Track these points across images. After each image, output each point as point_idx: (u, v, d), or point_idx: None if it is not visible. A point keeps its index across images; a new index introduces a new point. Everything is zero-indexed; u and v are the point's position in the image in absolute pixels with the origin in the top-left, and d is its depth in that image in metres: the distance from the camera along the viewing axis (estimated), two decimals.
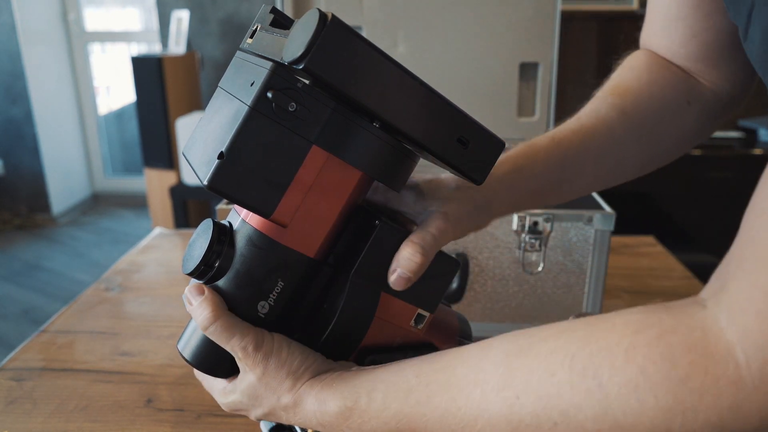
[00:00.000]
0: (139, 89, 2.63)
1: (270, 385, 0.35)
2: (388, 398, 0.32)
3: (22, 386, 0.58)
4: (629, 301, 0.75)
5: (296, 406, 0.34)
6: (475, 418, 0.29)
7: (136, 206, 3.49)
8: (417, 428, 0.31)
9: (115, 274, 0.83)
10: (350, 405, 0.33)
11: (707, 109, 0.47)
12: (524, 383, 0.27)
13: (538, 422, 0.27)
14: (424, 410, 0.31)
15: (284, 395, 0.35)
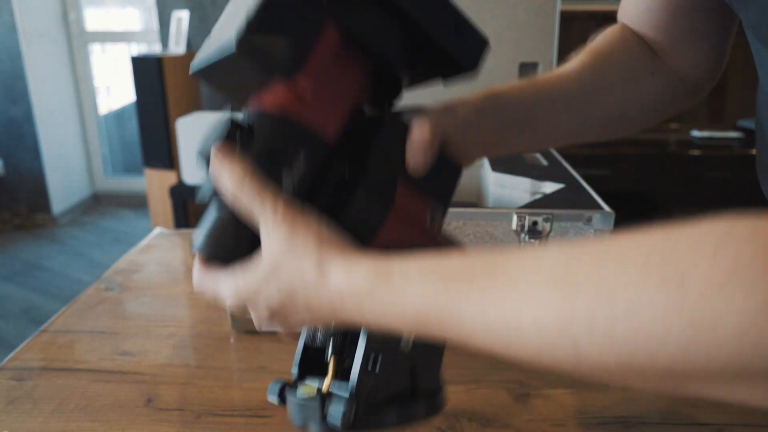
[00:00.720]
0: (139, 89, 2.63)
1: (295, 249, 0.32)
2: (425, 280, 0.28)
3: (22, 386, 0.58)
4: None
5: (321, 277, 0.31)
6: (519, 314, 0.25)
7: (136, 206, 3.49)
8: (447, 322, 0.28)
9: (115, 273, 0.83)
10: (381, 275, 0.30)
11: (670, 87, 0.50)
12: (585, 275, 0.23)
13: (592, 317, 0.22)
14: (462, 302, 0.27)
15: (308, 262, 0.31)
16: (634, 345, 0.22)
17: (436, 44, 0.36)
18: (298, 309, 0.33)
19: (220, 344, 0.65)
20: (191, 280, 0.78)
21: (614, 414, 0.53)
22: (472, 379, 0.59)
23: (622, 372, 0.23)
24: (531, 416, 0.53)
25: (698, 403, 0.55)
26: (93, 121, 3.51)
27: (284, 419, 0.53)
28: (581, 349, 0.23)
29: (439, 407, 0.39)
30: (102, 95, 3.62)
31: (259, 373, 0.60)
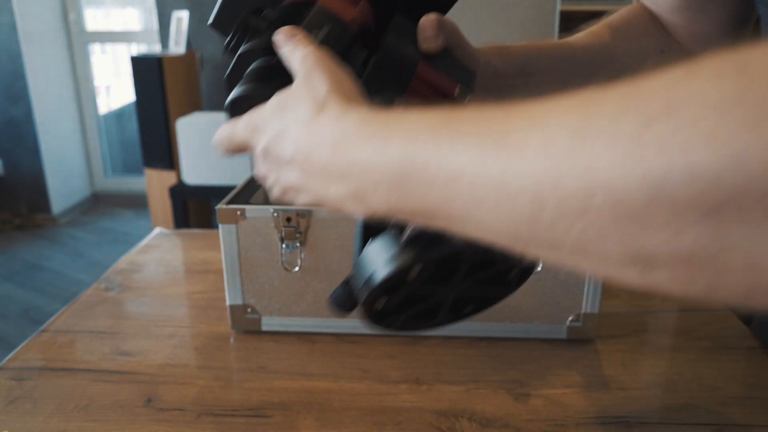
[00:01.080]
0: (139, 89, 2.63)
1: (308, 85, 0.31)
2: (417, 124, 0.25)
3: (22, 386, 0.58)
4: (628, 300, 0.75)
5: (315, 116, 0.29)
6: (502, 175, 0.21)
7: (136, 206, 3.49)
8: (419, 177, 0.24)
9: (115, 273, 0.83)
10: (372, 118, 0.28)
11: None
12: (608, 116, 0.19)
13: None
14: (443, 154, 0.23)
15: (311, 100, 0.30)
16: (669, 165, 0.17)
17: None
18: (287, 149, 0.31)
19: (220, 344, 0.65)
20: (191, 280, 0.78)
21: (614, 414, 0.53)
22: (471, 379, 0.59)
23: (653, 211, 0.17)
24: (531, 416, 0.53)
25: (697, 404, 0.55)
26: (93, 121, 3.51)
27: (284, 419, 0.53)
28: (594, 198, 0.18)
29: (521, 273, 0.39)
30: (102, 95, 3.62)
31: (259, 373, 0.60)
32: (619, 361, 0.62)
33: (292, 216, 0.61)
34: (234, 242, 0.63)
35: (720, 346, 0.64)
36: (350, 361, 0.62)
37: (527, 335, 0.65)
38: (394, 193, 0.26)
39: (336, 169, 0.28)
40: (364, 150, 0.27)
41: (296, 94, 0.32)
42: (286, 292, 0.65)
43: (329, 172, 0.29)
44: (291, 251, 0.63)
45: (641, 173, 0.17)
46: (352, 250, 0.63)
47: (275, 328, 0.66)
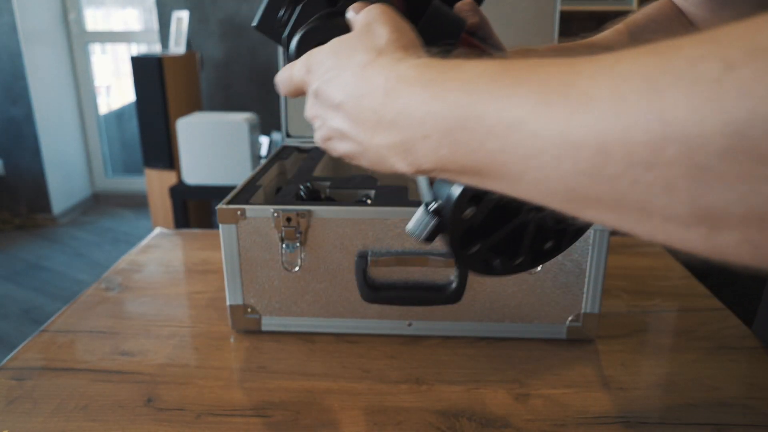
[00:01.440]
0: (139, 89, 2.63)
1: (369, 30, 0.30)
2: (464, 76, 0.24)
3: (22, 385, 0.58)
4: (628, 300, 0.75)
5: (375, 60, 0.28)
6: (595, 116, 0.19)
7: (137, 206, 3.49)
8: (475, 127, 0.23)
9: (115, 273, 0.83)
10: (432, 65, 0.26)
11: None
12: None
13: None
14: (502, 103, 0.22)
15: (370, 44, 0.29)
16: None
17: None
18: (337, 93, 0.30)
19: (220, 344, 0.65)
20: (191, 279, 0.78)
21: (614, 414, 0.53)
22: (472, 379, 0.59)
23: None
24: (531, 416, 0.53)
25: (697, 404, 0.55)
26: (93, 121, 3.51)
27: (284, 419, 0.53)
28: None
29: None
30: (102, 95, 3.62)
31: (259, 373, 0.60)
32: (619, 361, 0.62)
33: (292, 216, 0.61)
34: (234, 242, 0.63)
35: (720, 346, 0.64)
36: (350, 361, 0.62)
37: (527, 335, 0.65)
38: (445, 145, 0.24)
39: (386, 116, 0.27)
40: (417, 97, 0.26)
41: (355, 38, 0.31)
42: (287, 292, 0.65)
43: (378, 119, 0.27)
44: (291, 251, 0.63)
45: (721, 120, 0.16)
46: (353, 248, 0.63)
47: (275, 328, 0.66)
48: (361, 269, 0.62)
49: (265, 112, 3.04)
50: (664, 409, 0.54)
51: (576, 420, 0.53)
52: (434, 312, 0.65)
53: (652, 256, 0.88)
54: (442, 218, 0.34)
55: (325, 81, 0.31)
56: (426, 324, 0.65)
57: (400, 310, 0.65)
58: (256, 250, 0.63)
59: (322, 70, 0.31)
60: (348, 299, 0.65)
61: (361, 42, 0.30)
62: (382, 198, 0.68)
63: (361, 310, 0.65)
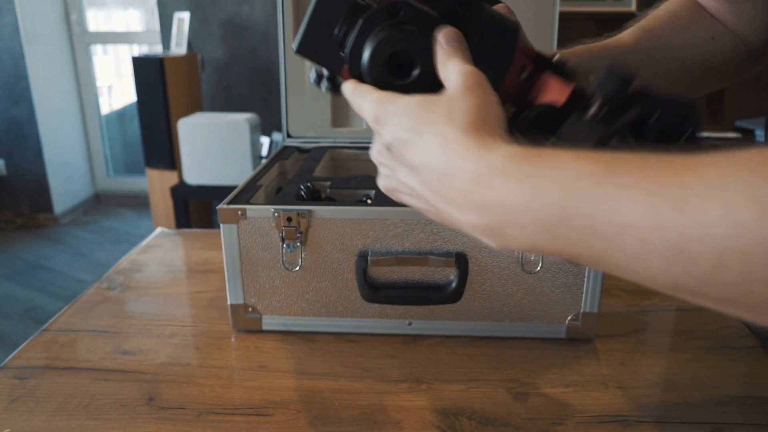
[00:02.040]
0: (140, 90, 2.64)
1: (464, 103, 0.30)
2: (562, 172, 0.25)
3: (24, 384, 0.58)
4: (628, 300, 0.75)
5: (462, 137, 0.28)
6: (685, 236, 0.21)
7: (138, 206, 3.50)
8: (580, 224, 0.24)
9: (116, 273, 0.84)
10: (517, 154, 0.27)
11: (733, 51, 0.52)
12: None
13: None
14: (624, 194, 0.23)
15: (463, 121, 0.29)
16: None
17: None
18: (415, 157, 0.30)
19: (221, 343, 0.66)
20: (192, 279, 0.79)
21: (613, 413, 0.54)
22: (471, 378, 0.59)
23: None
24: (530, 415, 0.53)
25: (696, 403, 0.55)
26: (95, 121, 3.52)
27: (285, 418, 0.53)
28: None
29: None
30: (104, 96, 3.63)
31: (260, 372, 0.60)
32: (618, 360, 0.62)
33: (292, 216, 0.62)
34: (235, 242, 0.63)
35: (719, 346, 0.65)
36: (351, 360, 0.62)
37: (527, 334, 0.65)
38: (543, 236, 0.26)
39: (474, 201, 0.28)
40: (512, 191, 0.26)
41: (443, 105, 0.30)
42: (287, 291, 0.65)
43: (466, 201, 0.28)
44: (292, 251, 0.63)
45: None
46: (354, 248, 0.63)
47: (276, 327, 0.67)
48: (362, 269, 0.62)
49: (265, 113, 3.05)
50: (663, 408, 0.54)
51: (575, 419, 0.53)
52: (434, 311, 0.65)
53: None
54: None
55: (401, 141, 0.31)
56: (426, 323, 0.66)
57: (400, 310, 0.65)
58: (257, 250, 0.64)
59: (397, 128, 0.31)
60: (348, 299, 0.65)
61: (451, 111, 0.30)
62: (382, 198, 0.68)
63: (362, 309, 0.65)
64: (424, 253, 0.62)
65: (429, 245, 0.62)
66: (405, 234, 0.62)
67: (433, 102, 0.31)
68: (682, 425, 0.52)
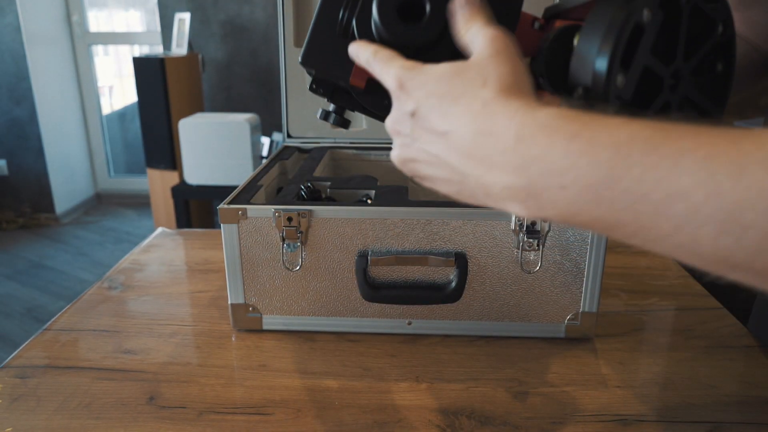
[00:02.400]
0: (141, 90, 2.64)
1: (498, 66, 0.29)
2: (614, 135, 0.24)
3: (26, 383, 0.58)
4: (626, 300, 0.76)
5: (501, 97, 0.28)
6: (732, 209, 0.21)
7: (139, 206, 3.50)
8: (629, 189, 0.23)
9: (117, 272, 0.84)
10: (565, 115, 0.26)
11: (746, 57, 0.51)
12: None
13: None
14: (664, 171, 0.22)
15: (500, 82, 0.28)
16: None
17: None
18: (444, 121, 0.29)
19: (222, 343, 0.66)
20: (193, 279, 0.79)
21: (612, 412, 0.54)
22: (471, 377, 0.59)
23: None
24: (529, 414, 0.54)
25: (694, 402, 0.55)
26: (96, 121, 3.52)
27: (285, 417, 0.53)
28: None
29: None
30: (105, 96, 3.64)
31: (260, 372, 0.60)
32: (617, 359, 0.62)
33: (293, 216, 0.62)
34: (235, 242, 0.64)
35: (717, 345, 0.65)
36: (351, 359, 0.62)
37: (526, 334, 0.66)
38: (585, 198, 0.25)
39: (514, 159, 0.26)
40: (559, 149, 0.25)
41: (475, 71, 0.29)
42: (287, 291, 0.65)
43: (504, 160, 0.27)
44: (292, 250, 0.64)
45: None
46: (354, 248, 0.63)
47: (276, 326, 0.67)
48: (362, 268, 0.63)
49: (266, 113, 3.05)
50: (662, 407, 0.55)
51: (574, 418, 0.53)
52: (434, 311, 0.65)
53: (649, 255, 0.89)
54: (592, 99, 0.30)
55: (430, 106, 0.30)
56: (426, 323, 0.66)
57: (400, 309, 0.65)
58: (258, 250, 0.64)
59: (423, 93, 0.30)
60: (348, 298, 0.65)
61: (478, 78, 0.29)
62: (382, 198, 0.68)
63: (362, 309, 0.66)
64: (423, 252, 0.63)
65: (429, 245, 0.62)
66: (405, 234, 0.62)
67: (464, 68, 0.30)
68: (680, 424, 0.52)
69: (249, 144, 2.41)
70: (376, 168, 0.92)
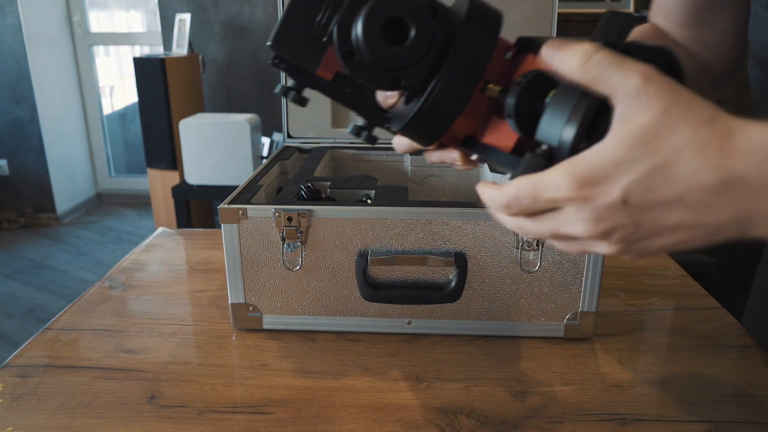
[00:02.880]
0: (142, 90, 2.65)
1: (681, 114, 0.25)
2: None
3: (27, 383, 0.59)
4: (626, 299, 0.76)
5: (726, 138, 0.25)
6: None
7: (140, 206, 3.50)
8: None
9: (118, 272, 0.84)
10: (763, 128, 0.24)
11: (695, 76, 0.54)
12: None
13: None
14: None
15: (703, 125, 0.25)
16: None
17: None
18: (673, 185, 0.26)
19: (222, 342, 0.66)
20: (193, 278, 0.79)
21: (611, 411, 0.54)
22: (470, 376, 0.59)
23: None
24: (529, 413, 0.54)
25: (693, 401, 0.55)
26: (97, 121, 3.53)
27: (285, 416, 0.54)
28: None
29: None
30: (105, 96, 3.64)
31: (260, 371, 0.61)
32: (616, 359, 0.62)
33: (293, 215, 0.62)
34: (236, 241, 0.64)
35: (715, 345, 0.65)
36: (351, 358, 0.62)
37: (525, 333, 0.66)
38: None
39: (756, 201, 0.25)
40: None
41: (666, 125, 0.26)
42: (288, 290, 0.66)
43: (741, 203, 0.25)
44: (292, 250, 0.64)
45: None
46: (354, 247, 0.63)
47: (276, 326, 0.67)
48: (362, 268, 0.63)
49: (266, 113, 3.05)
50: (661, 407, 0.55)
51: (573, 417, 0.53)
52: (434, 310, 0.65)
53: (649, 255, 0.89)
54: (553, 160, 0.31)
55: (643, 180, 0.26)
56: (425, 322, 0.66)
57: (400, 309, 0.66)
58: (258, 250, 0.64)
59: (625, 172, 0.26)
60: (348, 298, 0.65)
61: (677, 118, 0.26)
62: (382, 198, 0.68)
63: (361, 308, 0.66)
64: (423, 252, 0.63)
65: (428, 245, 0.63)
66: (405, 234, 0.62)
67: (643, 122, 0.26)
68: (679, 423, 0.52)
69: (249, 144, 2.42)
70: (376, 168, 0.92)
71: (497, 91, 0.36)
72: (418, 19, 0.34)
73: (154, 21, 3.35)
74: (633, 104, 0.27)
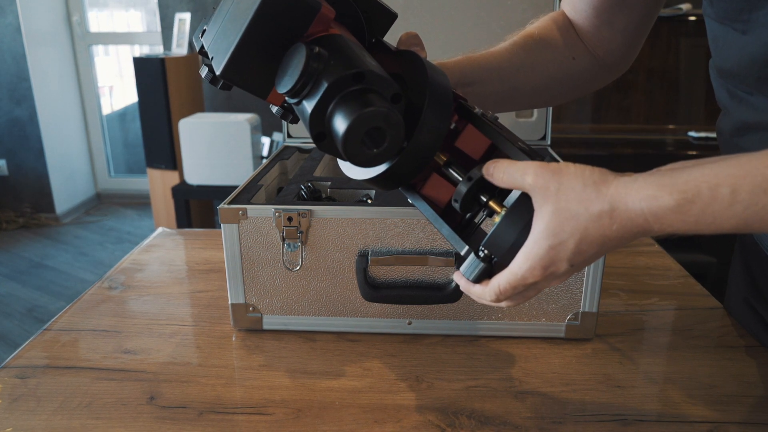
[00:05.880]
0: (141, 90, 2.65)
1: (571, 201, 0.36)
2: (739, 191, 0.32)
3: (26, 384, 0.59)
4: (626, 299, 0.76)
5: (613, 210, 0.35)
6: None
7: (139, 206, 3.50)
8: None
9: (118, 272, 0.84)
10: (690, 198, 0.33)
11: (589, 70, 0.60)
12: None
13: None
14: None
15: (593, 203, 0.36)
16: None
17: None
18: (593, 245, 0.37)
19: (222, 342, 0.66)
20: (193, 279, 0.79)
21: (611, 412, 0.54)
22: (471, 377, 0.59)
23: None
24: (529, 414, 0.54)
25: (694, 402, 0.55)
26: (96, 121, 3.53)
27: (285, 416, 0.54)
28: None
29: None
30: (105, 96, 3.64)
31: (260, 371, 0.60)
32: (617, 359, 0.62)
33: (293, 215, 0.62)
34: (236, 241, 0.64)
35: (717, 345, 0.65)
36: (351, 359, 0.62)
37: (526, 334, 0.66)
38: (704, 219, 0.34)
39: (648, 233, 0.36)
40: (695, 218, 0.33)
41: (566, 208, 0.36)
42: (288, 290, 0.65)
43: (642, 232, 0.35)
44: (292, 250, 0.64)
45: None
46: (354, 248, 0.63)
47: (276, 326, 0.67)
48: (362, 268, 0.63)
49: (266, 113, 3.05)
50: (661, 407, 0.55)
51: (574, 417, 0.53)
52: (434, 311, 0.65)
53: (649, 255, 0.89)
54: (492, 266, 0.41)
55: (574, 252, 0.37)
56: (426, 323, 0.66)
57: (400, 309, 0.65)
58: (258, 250, 0.64)
59: (566, 249, 0.37)
60: (348, 298, 0.65)
61: (577, 208, 0.36)
62: (382, 198, 0.68)
63: (362, 308, 0.66)
64: (423, 252, 0.63)
65: (429, 245, 0.63)
66: (405, 234, 0.62)
67: (558, 207, 0.37)
68: (680, 423, 0.52)
69: (249, 144, 2.41)
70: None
71: (443, 159, 0.43)
72: (392, 129, 0.37)
73: (154, 21, 3.35)
74: (537, 197, 0.37)
